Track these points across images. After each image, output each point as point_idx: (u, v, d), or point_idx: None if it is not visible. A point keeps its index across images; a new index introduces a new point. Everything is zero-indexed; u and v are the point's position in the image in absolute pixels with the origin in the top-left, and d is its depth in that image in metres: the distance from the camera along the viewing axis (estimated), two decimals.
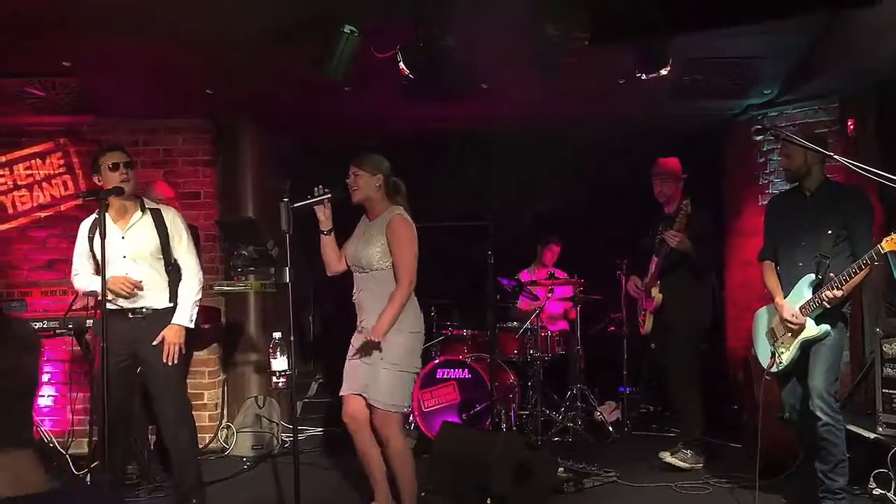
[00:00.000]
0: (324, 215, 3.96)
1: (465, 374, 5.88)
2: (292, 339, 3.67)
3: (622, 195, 6.44)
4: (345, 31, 4.59)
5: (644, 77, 4.68)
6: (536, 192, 6.91)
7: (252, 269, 4.72)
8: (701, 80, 5.46)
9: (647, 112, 6.28)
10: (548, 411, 6.11)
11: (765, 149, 6.22)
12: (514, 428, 5.85)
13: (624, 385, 6.45)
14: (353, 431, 3.97)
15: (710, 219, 5.36)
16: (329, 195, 3.91)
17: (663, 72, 4.61)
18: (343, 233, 4.16)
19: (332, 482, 5.04)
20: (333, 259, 4.07)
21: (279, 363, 3.86)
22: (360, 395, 3.92)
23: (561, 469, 4.83)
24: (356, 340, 3.97)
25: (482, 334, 6.14)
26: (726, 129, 6.65)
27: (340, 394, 4.00)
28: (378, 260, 3.91)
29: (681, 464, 5.05)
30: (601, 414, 6.26)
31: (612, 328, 6.63)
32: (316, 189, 3.92)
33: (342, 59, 4.67)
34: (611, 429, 6.13)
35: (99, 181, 4.13)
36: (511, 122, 6.57)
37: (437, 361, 5.98)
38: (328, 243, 4.04)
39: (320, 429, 6.60)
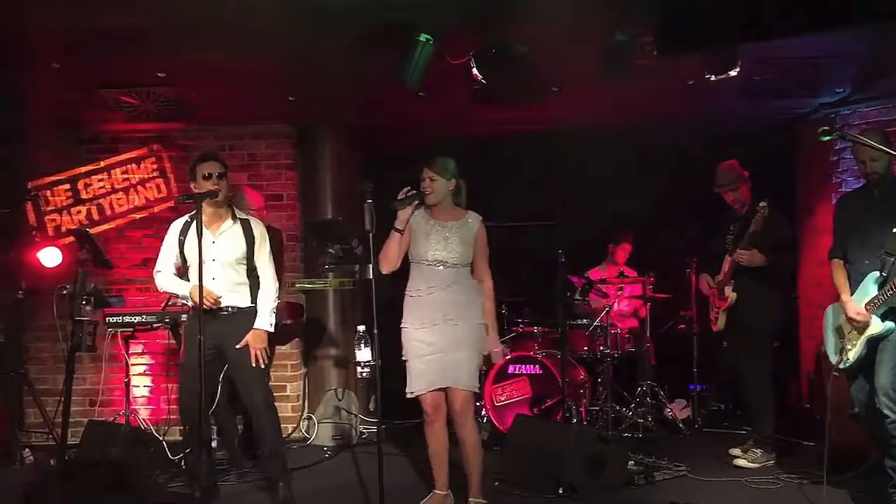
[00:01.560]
0: (404, 215, 4.16)
1: (536, 369, 6.03)
2: (375, 331, 3.89)
3: (692, 193, 6.48)
4: (421, 39, 4.81)
5: (713, 78, 4.76)
6: (607, 191, 6.99)
7: (337, 266, 4.99)
8: (772, 79, 5.49)
9: (717, 111, 6.32)
10: (618, 407, 6.21)
11: (837, 147, 6.19)
12: (585, 423, 5.97)
13: (694, 383, 6.50)
14: (432, 421, 4.15)
15: (789, 222, 5.35)
16: (418, 196, 4.14)
17: (732, 73, 4.68)
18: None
19: (404, 471, 5.21)
20: (396, 256, 4.21)
21: (363, 354, 4.10)
22: (436, 388, 4.09)
23: (632, 462, 4.94)
24: (428, 336, 4.10)
25: (552, 331, 6.28)
26: (798, 128, 6.63)
27: (416, 394, 4.11)
28: (463, 258, 4.17)
29: (750, 464, 5.09)
30: (671, 411, 6.32)
31: (682, 326, 6.68)
32: (404, 190, 4.13)
33: (419, 66, 4.88)
34: (681, 426, 6.19)
35: (195, 188, 4.43)
36: (581, 123, 6.68)
37: (508, 357, 6.14)
38: (397, 241, 4.21)
39: (396, 421, 6.82)
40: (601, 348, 6.20)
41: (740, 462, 5.14)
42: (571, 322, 6.38)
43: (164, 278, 4.57)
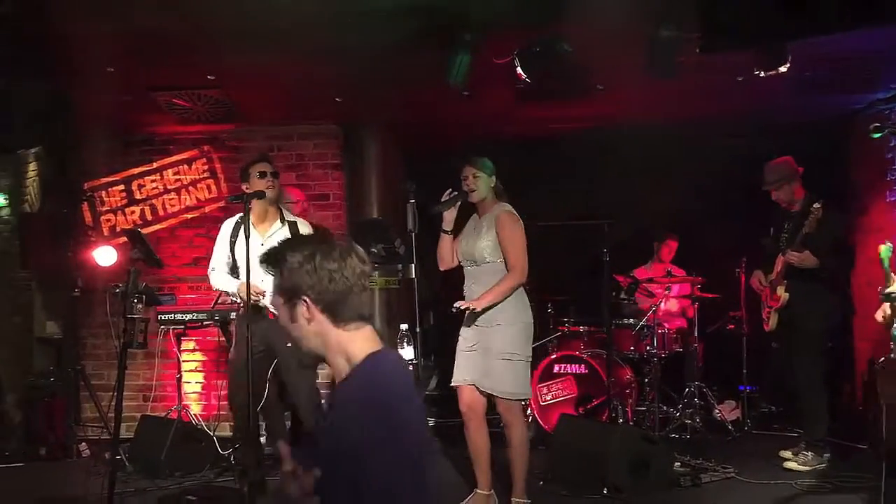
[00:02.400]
0: (450, 215, 4.21)
1: (582, 369, 6.00)
2: (418, 330, 3.93)
3: (742, 192, 6.38)
4: (465, 38, 4.83)
5: (762, 75, 4.68)
6: (654, 189, 6.91)
7: (380, 266, 5.04)
8: (823, 75, 5.38)
9: (766, 108, 6.21)
10: (665, 408, 6.16)
11: (893, 143, 6.03)
12: (631, 423, 5.93)
13: (744, 384, 6.40)
14: (468, 420, 4.18)
15: (844, 222, 5.23)
16: (461, 197, 4.17)
17: (782, 69, 4.60)
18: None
19: (449, 469, 5.20)
20: (448, 255, 4.30)
21: (405, 353, 4.13)
22: (473, 384, 4.12)
23: (678, 463, 4.89)
24: (467, 332, 4.17)
25: (598, 330, 6.25)
26: (850, 124, 6.48)
27: (453, 384, 4.19)
28: (489, 254, 4.12)
29: (801, 467, 5.00)
30: (720, 412, 6.24)
31: (732, 326, 6.58)
32: (447, 192, 4.18)
33: (462, 65, 4.91)
34: (730, 427, 6.10)
35: (247, 188, 4.52)
36: (628, 120, 6.63)
37: (554, 356, 6.13)
38: (447, 241, 4.27)
39: (438, 420, 6.84)
40: (648, 348, 6.14)
41: (791, 464, 5.05)
42: (618, 322, 6.33)
43: (217, 276, 4.68)
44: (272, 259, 1.94)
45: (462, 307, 4.05)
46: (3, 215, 7.65)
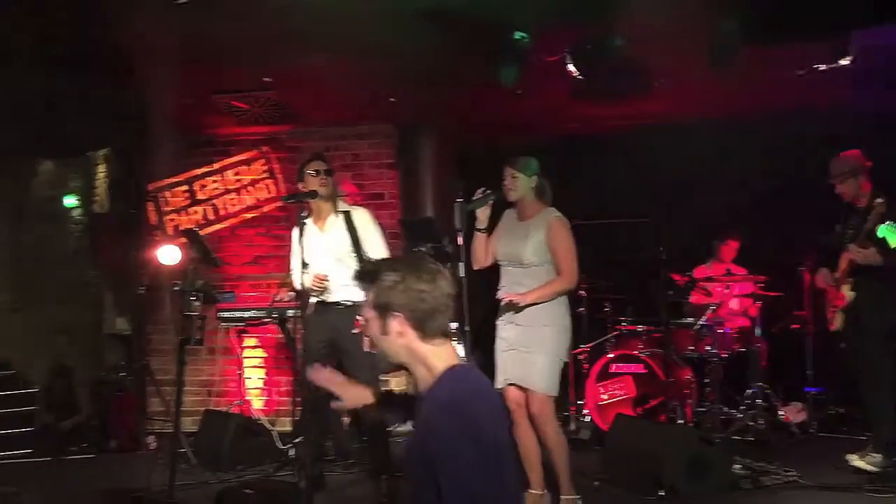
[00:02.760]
0: (483, 214, 4.18)
1: (640, 368, 5.91)
2: (467, 329, 3.93)
3: (807, 187, 6.20)
4: (515, 37, 4.81)
5: (823, 68, 4.54)
6: (714, 186, 6.77)
7: None
8: (886, 68, 5.18)
9: (829, 101, 6.01)
10: (727, 409, 6.01)
11: None
12: (691, 424, 5.82)
13: (810, 385, 6.21)
14: (516, 419, 4.14)
15: None
16: (493, 197, 4.13)
17: (844, 62, 4.46)
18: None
19: None
20: (482, 254, 4.26)
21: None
22: (517, 384, 4.09)
23: (738, 466, 4.77)
24: (507, 332, 4.13)
25: (656, 330, 6.15)
26: None
27: (498, 386, 4.12)
28: (536, 257, 4.10)
29: (868, 467, 4.82)
30: (784, 414, 6.07)
31: (796, 326, 6.38)
32: (479, 191, 4.14)
33: (513, 64, 4.90)
34: (795, 429, 5.93)
35: (302, 187, 4.59)
36: (686, 116, 6.52)
37: (611, 356, 6.06)
38: (482, 240, 4.24)
39: None
40: (708, 348, 6.01)
41: (857, 463, 4.86)
42: (676, 321, 6.22)
43: (295, 276, 4.74)
44: (367, 275, 2.14)
45: (507, 299, 4.04)
46: (75, 215, 7.97)
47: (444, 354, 2.08)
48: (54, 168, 8.17)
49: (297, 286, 4.72)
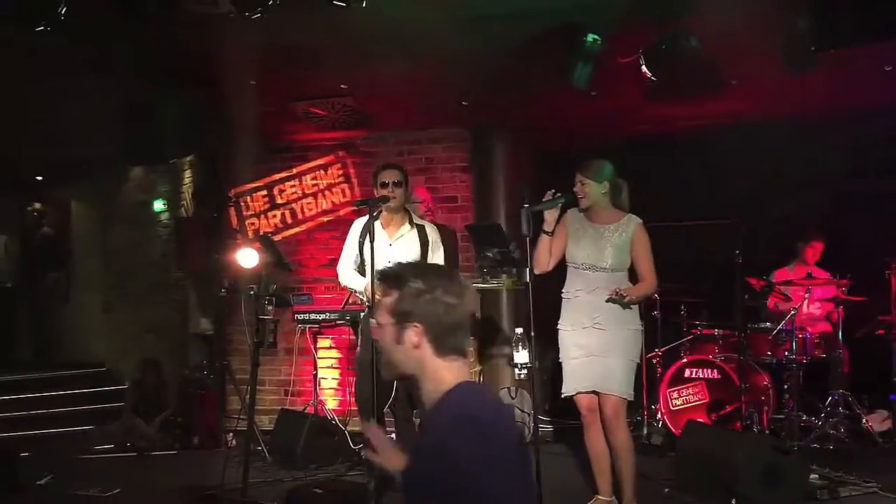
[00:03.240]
0: (550, 217, 4.18)
1: (715, 374, 5.82)
2: (532, 334, 3.94)
3: (890, 187, 5.98)
4: (588, 39, 4.80)
5: None
6: (794, 187, 6.59)
7: (498, 269, 5.10)
8: None
9: None
10: (805, 416, 5.85)
11: None
12: (768, 431, 5.68)
13: (894, 393, 5.97)
14: (589, 424, 4.16)
15: None
16: (563, 199, 4.13)
17: None
18: None
19: (574, 472, 5.15)
20: (546, 257, 4.23)
21: (521, 356, 4.17)
22: (593, 391, 4.09)
23: (815, 475, 4.65)
24: (584, 337, 4.12)
25: (733, 334, 6.02)
26: None
27: (574, 393, 4.15)
28: (618, 262, 4.12)
29: None
30: (868, 422, 5.86)
31: (881, 331, 6.15)
32: (549, 193, 4.15)
33: (587, 66, 4.88)
34: (878, 438, 5.73)
35: (377, 193, 4.70)
36: (763, 115, 6.37)
37: (685, 360, 5.98)
38: (546, 242, 4.23)
39: (571, 421, 6.80)
40: (786, 353, 5.85)
41: None
42: (754, 325, 6.08)
43: (345, 274, 4.85)
44: (392, 279, 2.01)
45: (617, 293, 4.03)
46: (163, 219, 8.33)
47: (457, 370, 1.98)
48: (143, 174, 8.58)
49: (346, 284, 4.81)
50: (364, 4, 3.76)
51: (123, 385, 7.89)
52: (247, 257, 6.35)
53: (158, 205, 8.42)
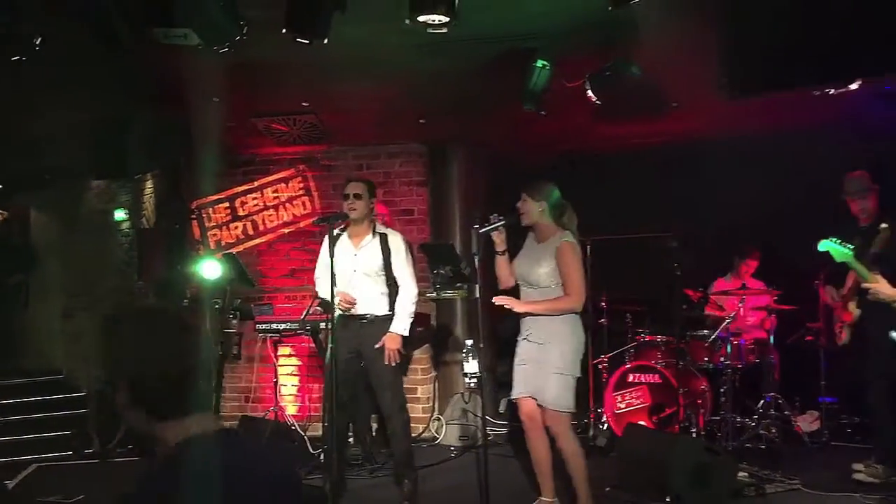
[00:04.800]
0: (499, 239, 4.43)
1: (656, 378, 6.17)
2: (482, 345, 4.23)
3: (821, 205, 6.39)
4: (538, 65, 5.09)
5: (833, 92, 4.76)
6: (732, 203, 6.97)
7: (450, 285, 5.40)
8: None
9: (845, 121, 6.21)
10: (740, 418, 6.23)
11: None
12: (704, 433, 6.05)
13: (823, 395, 6.40)
14: (527, 429, 4.43)
15: None
16: (503, 222, 4.37)
17: (853, 86, 4.66)
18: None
19: (523, 474, 5.42)
20: (505, 275, 4.54)
21: (470, 367, 4.45)
22: (531, 397, 4.36)
23: (744, 474, 5.01)
24: (521, 348, 4.42)
25: (674, 341, 6.39)
26: None
27: (513, 397, 4.45)
28: (546, 279, 4.35)
29: (869, 478, 5.03)
30: (797, 423, 6.27)
31: (810, 338, 6.58)
32: (492, 216, 4.39)
33: (536, 89, 5.17)
34: (807, 439, 6.14)
35: (343, 205, 4.95)
36: (705, 135, 6.74)
37: (629, 366, 6.32)
38: (502, 263, 4.52)
39: (520, 425, 7.10)
40: (722, 359, 6.24)
41: (860, 476, 5.09)
42: (692, 332, 6.46)
43: (320, 283, 5.08)
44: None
45: (499, 303, 4.27)
46: (124, 229, 8.43)
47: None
48: (104, 184, 8.65)
49: (323, 296, 5.06)
50: (325, 41, 3.95)
51: (81, 392, 7.93)
52: (210, 268, 6.55)
53: (119, 214, 8.51)
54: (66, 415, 7.62)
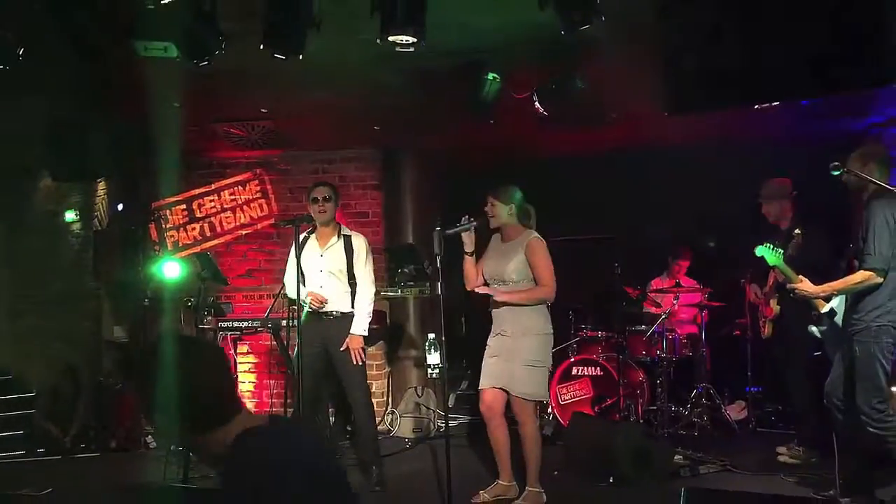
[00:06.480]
0: (468, 239, 4.73)
1: (598, 371, 6.59)
2: (443, 339, 4.53)
3: (749, 208, 6.84)
4: (488, 77, 5.41)
5: (756, 107, 5.21)
6: (669, 207, 7.41)
7: (413, 284, 5.71)
8: (818, 106, 5.86)
9: (778, 131, 6.70)
10: (675, 408, 6.68)
11: None
12: (642, 420, 6.49)
13: (749, 385, 6.90)
14: (487, 419, 4.74)
15: (826, 244, 5.47)
16: (475, 223, 4.68)
17: (775, 102, 5.10)
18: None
19: (477, 461, 5.81)
20: (473, 275, 4.83)
21: (433, 358, 4.74)
22: (498, 388, 4.66)
23: (679, 457, 5.45)
24: (493, 342, 4.73)
25: (614, 336, 6.81)
26: (849, 146, 6.90)
27: (480, 388, 4.75)
28: (517, 275, 4.66)
29: (792, 460, 5.53)
30: (726, 411, 6.76)
31: (737, 332, 7.09)
32: (463, 218, 4.68)
33: (486, 100, 5.48)
34: (735, 426, 6.62)
35: (309, 208, 5.19)
36: (643, 144, 7.18)
37: (572, 360, 6.72)
38: (470, 262, 4.82)
39: (469, 417, 7.44)
40: (658, 352, 6.69)
41: (783, 458, 5.58)
42: (631, 328, 6.89)
43: (289, 284, 5.30)
44: None
45: (481, 291, 4.58)
46: (75, 230, 8.44)
47: None
48: (55, 184, 8.64)
49: (292, 296, 5.31)
50: (301, 58, 4.18)
51: (30, 393, 7.93)
52: (169, 269, 6.70)
53: (70, 215, 8.51)
54: (17, 415, 7.64)
